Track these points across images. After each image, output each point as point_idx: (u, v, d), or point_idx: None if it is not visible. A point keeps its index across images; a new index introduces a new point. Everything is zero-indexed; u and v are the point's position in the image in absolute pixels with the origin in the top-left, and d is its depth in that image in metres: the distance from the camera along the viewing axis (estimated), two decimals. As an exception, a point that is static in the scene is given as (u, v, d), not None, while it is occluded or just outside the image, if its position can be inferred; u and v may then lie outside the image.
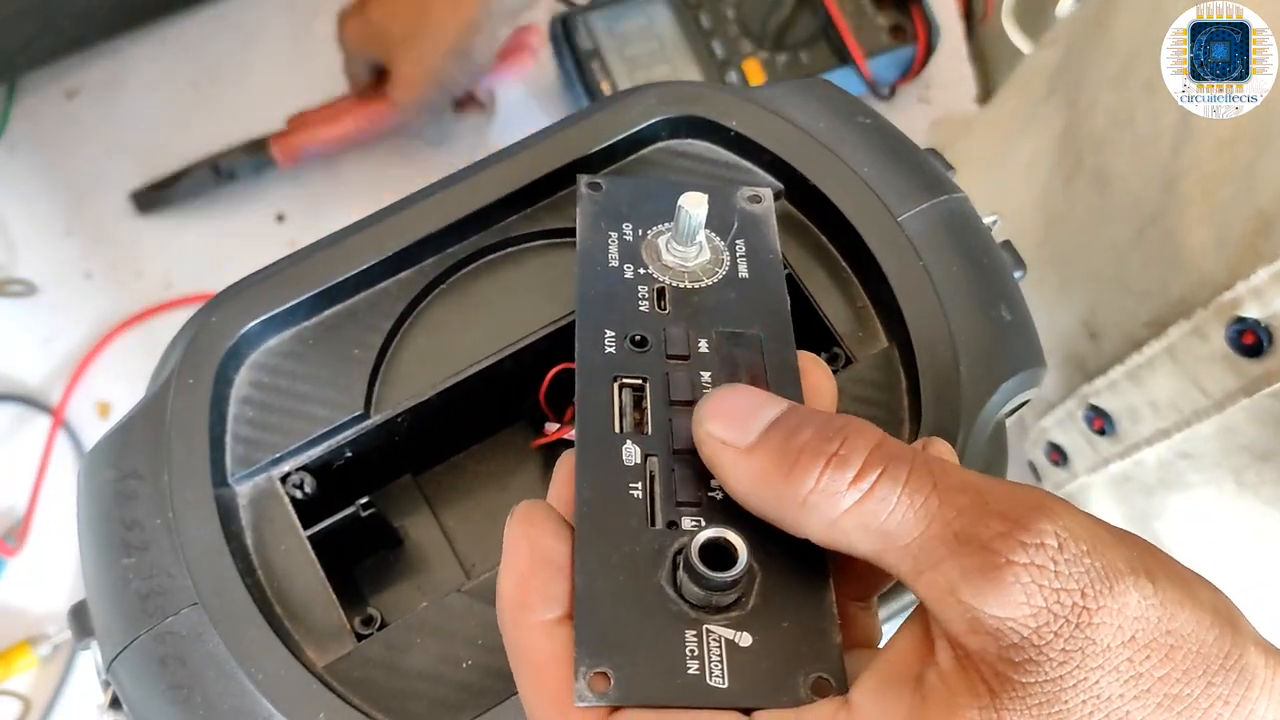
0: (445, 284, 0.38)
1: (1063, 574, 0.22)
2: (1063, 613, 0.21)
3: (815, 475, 0.24)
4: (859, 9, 0.74)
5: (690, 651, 0.24)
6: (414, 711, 0.31)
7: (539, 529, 0.26)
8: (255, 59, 0.77)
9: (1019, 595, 0.22)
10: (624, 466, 0.28)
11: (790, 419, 0.25)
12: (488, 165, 0.38)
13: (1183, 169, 0.45)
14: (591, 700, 0.23)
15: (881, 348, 0.37)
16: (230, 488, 0.34)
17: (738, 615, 0.25)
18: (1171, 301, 0.46)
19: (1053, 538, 0.22)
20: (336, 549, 0.35)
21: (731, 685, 0.24)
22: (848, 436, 0.24)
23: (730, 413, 0.26)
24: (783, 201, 0.39)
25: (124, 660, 0.32)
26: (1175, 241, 0.46)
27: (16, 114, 0.75)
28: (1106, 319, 0.52)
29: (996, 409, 0.35)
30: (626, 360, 0.30)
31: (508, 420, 0.40)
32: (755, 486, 0.25)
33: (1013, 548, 0.22)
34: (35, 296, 0.71)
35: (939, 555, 0.22)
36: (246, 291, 0.36)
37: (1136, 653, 0.22)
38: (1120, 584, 0.22)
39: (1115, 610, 0.22)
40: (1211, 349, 0.44)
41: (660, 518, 0.27)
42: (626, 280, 0.32)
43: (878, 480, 0.23)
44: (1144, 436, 0.50)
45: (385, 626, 0.33)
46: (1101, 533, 0.23)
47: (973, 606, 0.22)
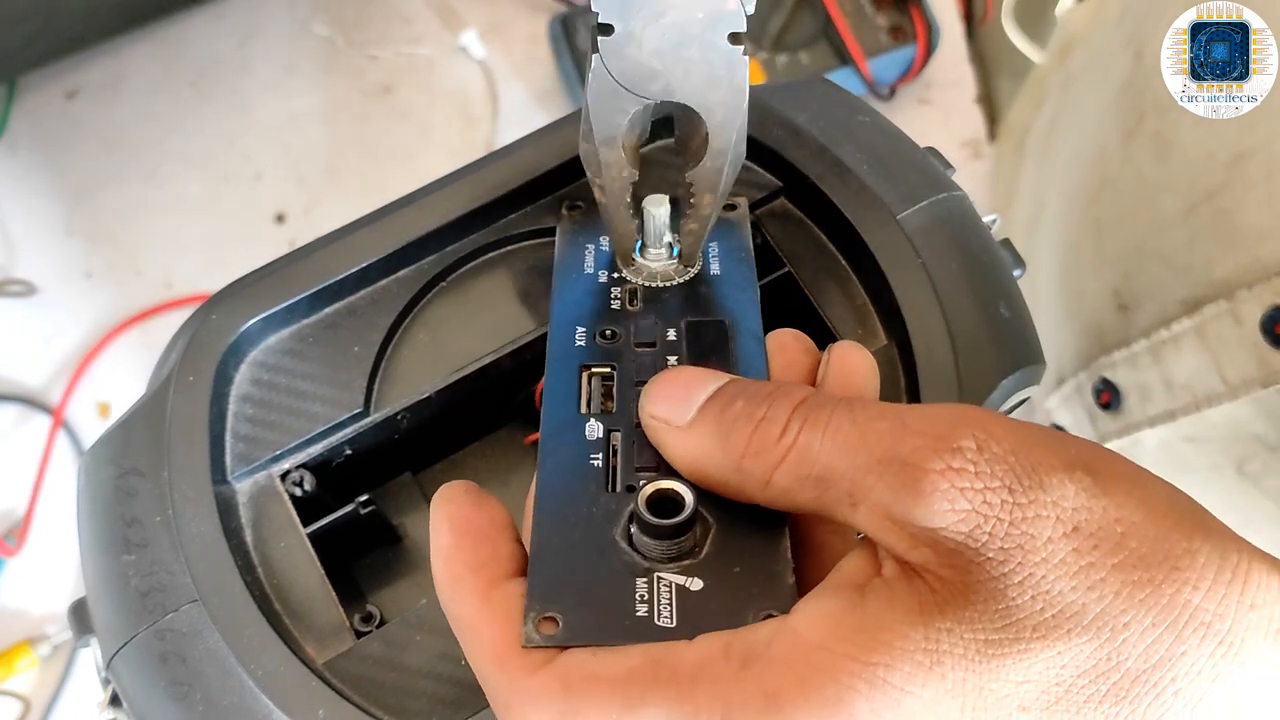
0: (445, 282, 0.38)
1: (984, 473, 0.22)
2: (992, 512, 0.21)
3: (746, 438, 0.24)
4: (859, 9, 0.75)
5: (640, 596, 0.25)
6: (413, 708, 0.31)
7: (456, 505, 0.26)
8: (255, 59, 0.77)
9: (942, 502, 0.22)
10: (586, 441, 0.28)
11: (726, 393, 0.26)
12: (487, 164, 0.38)
13: (1251, 147, 0.44)
14: (538, 641, 0.24)
15: (880, 345, 0.37)
16: (230, 485, 0.34)
17: (689, 563, 0.25)
18: (1213, 281, 0.45)
19: (970, 440, 0.22)
20: (336, 546, 0.35)
21: (680, 625, 0.24)
22: (775, 400, 0.25)
23: (670, 394, 0.26)
24: (782, 199, 0.39)
25: (124, 657, 0.32)
26: (1230, 221, 0.45)
27: (16, 114, 0.75)
28: (1140, 291, 0.51)
29: (995, 406, 0.35)
30: (595, 351, 0.31)
31: (506, 418, 0.40)
32: (696, 461, 0.26)
33: (929, 457, 0.22)
34: (35, 296, 0.71)
35: (868, 483, 0.23)
36: (246, 289, 0.36)
37: (1083, 542, 0.21)
38: (1052, 478, 0.22)
39: (1049, 503, 0.22)
40: (1243, 333, 0.43)
41: (620, 484, 0.27)
42: (600, 284, 0.33)
43: (800, 431, 0.24)
44: (1149, 416, 0.50)
45: (384, 624, 0.33)
46: (1030, 432, 0.23)
47: (906, 522, 0.22)
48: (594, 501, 0.27)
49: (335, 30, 0.78)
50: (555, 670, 0.23)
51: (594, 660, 0.23)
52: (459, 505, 0.26)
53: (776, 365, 0.30)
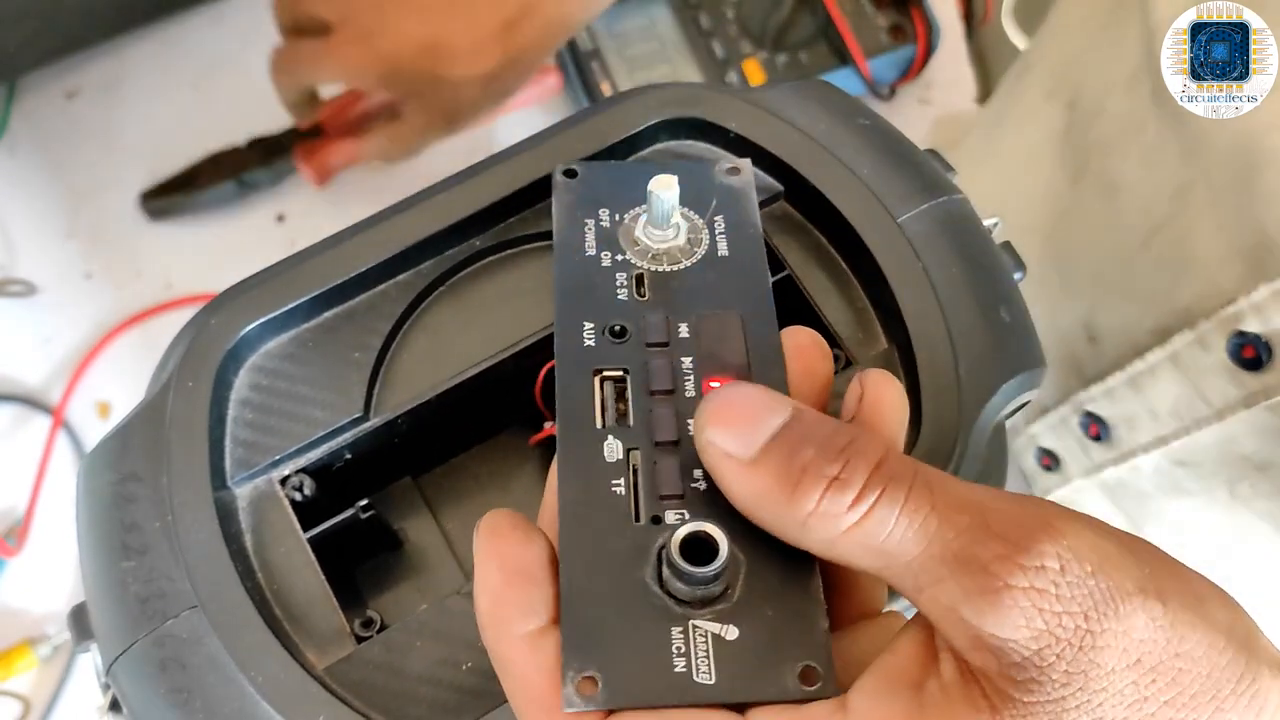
0: (444, 286, 0.38)
1: (1064, 597, 0.21)
2: (1065, 635, 0.21)
3: (815, 499, 0.23)
4: (859, 9, 0.74)
5: (677, 649, 0.24)
6: (413, 714, 0.31)
7: (505, 540, 0.26)
8: (255, 59, 0.77)
9: (1018, 619, 0.21)
10: (605, 464, 0.27)
11: (794, 431, 0.24)
12: (487, 167, 0.38)
13: (1192, 179, 0.45)
14: (580, 705, 0.23)
15: (881, 349, 0.37)
16: (230, 490, 0.34)
17: (723, 608, 0.25)
18: (1176, 310, 0.46)
19: (1054, 559, 0.22)
20: (336, 551, 0.35)
21: (719, 681, 0.24)
22: (850, 458, 0.24)
23: (731, 419, 0.25)
24: (782, 203, 0.39)
25: (124, 663, 0.32)
26: (1184, 251, 0.45)
27: (16, 114, 0.75)
28: (1108, 323, 0.52)
29: (996, 410, 0.35)
30: (606, 352, 0.30)
31: (507, 422, 0.40)
32: (757, 503, 0.25)
33: (1011, 571, 0.22)
34: (35, 296, 0.71)
35: (939, 574, 0.22)
36: (246, 294, 0.36)
37: (1142, 676, 0.21)
38: (1126, 605, 0.21)
39: (1120, 633, 0.21)
40: (1213, 360, 0.44)
41: (644, 513, 0.27)
42: (604, 268, 0.32)
43: (876, 502, 0.23)
44: (1140, 444, 0.50)
45: (385, 629, 0.33)
46: (1110, 550, 0.22)
47: (974, 625, 0.22)
48: (620, 536, 0.26)
49: (335, 30, 0.78)
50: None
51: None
52: (508, 541, 0.26)
53: (795, 371, 0.30)
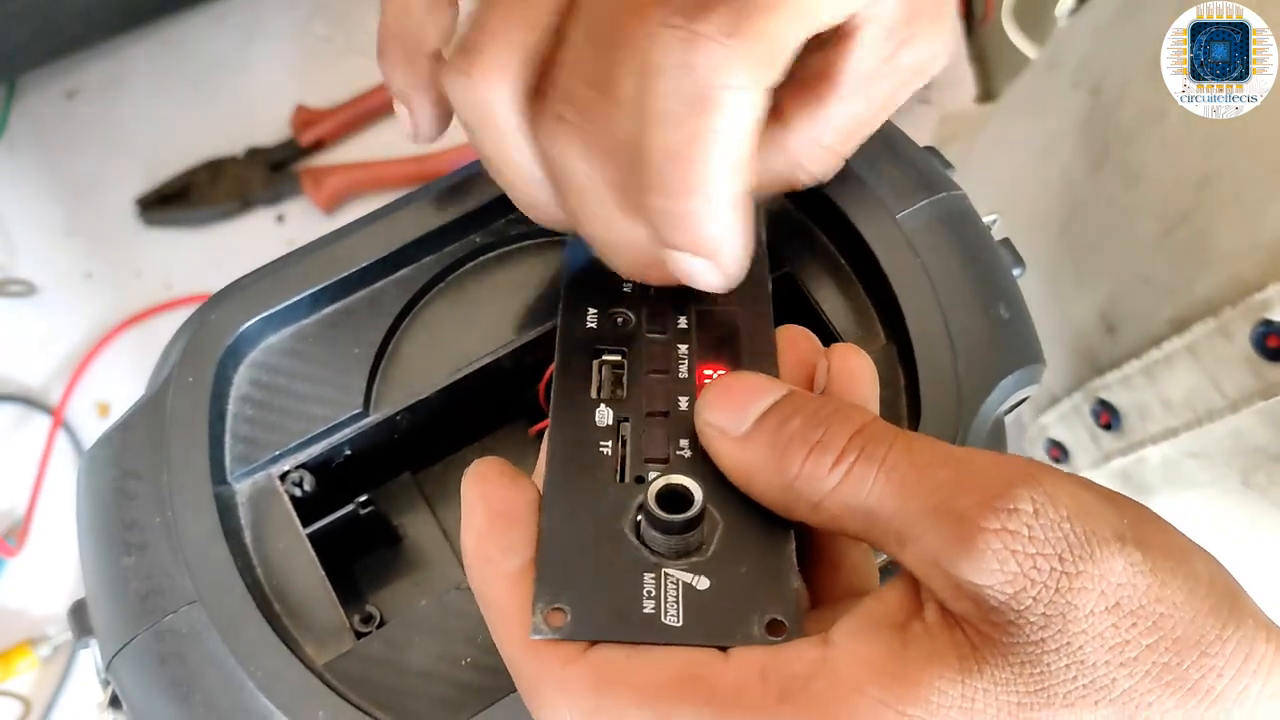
0: (444, 282, 0.38)
1: (1037, 539, 0.22)
2: (1040, 578, 0.22)
3: (799, 462, 0.24)
4: (858, 9, 0.74)
5: (647, 592, 0.25)
6: (413, 709, 0.31)
7: (492, 484, 0.26)
8: (255, 59, 0.77)
9: (992, 562, 0.22)
10: (596, 427, 0.29)
11: (784, 407, 0.26)
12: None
13: (1216, 169, 0.45)
14: (547, 633, 0.24)
15: (880, 346, 0.37)
16: (229, 486, 0.34)
17: (697, 560, 0.26)
18: (1196, 300, 0.46)
19: (1028, 503, 0.22)
20: (336, 547, 0.35)
21: (686, 624, 0.25)
22: (833, 423, 0.25)
23: (727, 401, 0.26)
24: (782, 200, 0.39)
25: (123, 658, 0.32)
26: (1206, 242, 0.45)
27: (16, 114, 0.75)
28: (1126, 313, 0.52)
29: (995, 406, 0.35)
30: (606, 334, 0.31)
31: (507, 418, 0.40)
32: (748, 474, 0.26)
33: (985, 515, 0.22)
34: (35, 296, 0.71)
35: (920, 529, 0.23)
36: (245, 289, 0.36)
37: (1122, 619, 0.22)
38: (1104, 550, 0.22)
39: (1097, 576, 0.22)
40: (1234, 349, 0.44)
41: (629, 474, 0.28)
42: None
43: (855, 461, 0.24)
44: (1150, 434, 0.50)
45: (385, 624, 0.33)
46: (1088, 499, 0.23)
47: (953, 574, 0.22)
48: (603, 491, 0.27)
49: (336, 30, 0.78)
50: (588, 665, 0.24)
51: (628, 663, 0.24)
52: (494, 485, 0.26)
53: (787, 361, 0.30)
